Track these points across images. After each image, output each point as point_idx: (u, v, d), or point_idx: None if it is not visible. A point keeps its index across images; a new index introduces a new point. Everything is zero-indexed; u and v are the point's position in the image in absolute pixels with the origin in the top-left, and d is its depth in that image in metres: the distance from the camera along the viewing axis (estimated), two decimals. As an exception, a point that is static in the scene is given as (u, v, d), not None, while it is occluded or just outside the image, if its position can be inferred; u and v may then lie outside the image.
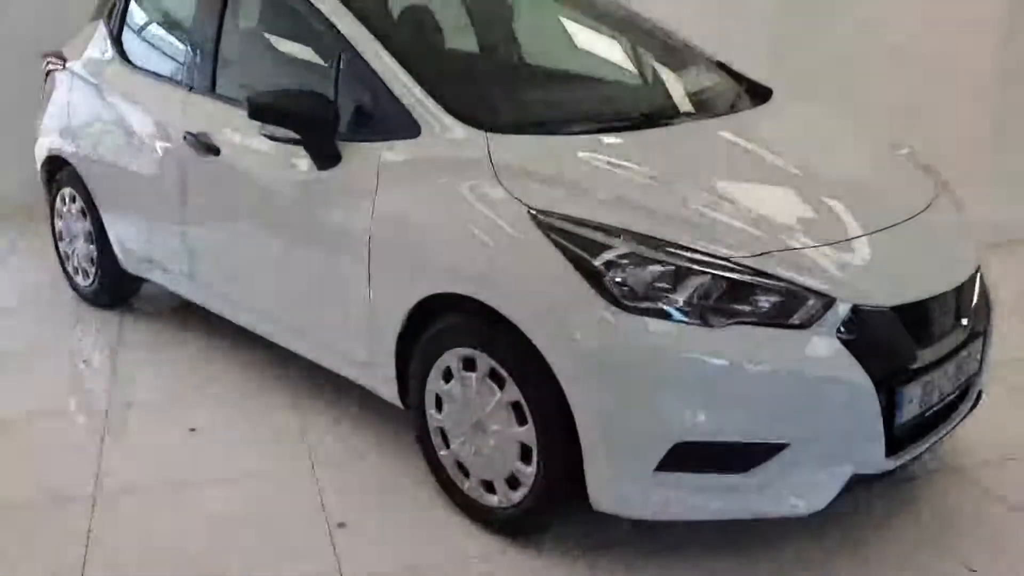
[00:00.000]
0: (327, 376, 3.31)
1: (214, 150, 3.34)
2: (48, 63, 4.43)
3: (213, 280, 3.61)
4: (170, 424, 3.36)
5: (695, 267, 2.30)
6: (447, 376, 2.71)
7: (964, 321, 2.63)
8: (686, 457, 2.32)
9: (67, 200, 4.36)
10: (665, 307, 2.28)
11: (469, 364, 2.63)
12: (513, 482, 2.61)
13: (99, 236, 4.20)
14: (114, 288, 4.35)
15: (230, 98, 3.38)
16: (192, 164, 3.47)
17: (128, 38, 4.08)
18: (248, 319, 3.50)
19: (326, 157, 2.91)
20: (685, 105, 3.11)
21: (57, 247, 4.56)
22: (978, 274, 2.76)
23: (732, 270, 2.30)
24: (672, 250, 2.32)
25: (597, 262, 2.33)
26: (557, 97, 3.20)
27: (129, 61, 4.00)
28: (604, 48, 3.46)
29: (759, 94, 3.36)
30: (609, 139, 2.75)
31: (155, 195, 3.74)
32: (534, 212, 2.44)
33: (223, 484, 3.00)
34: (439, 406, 2.76)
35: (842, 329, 2.32)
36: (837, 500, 2.39)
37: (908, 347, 2.43)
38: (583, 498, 2.48)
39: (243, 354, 3.85)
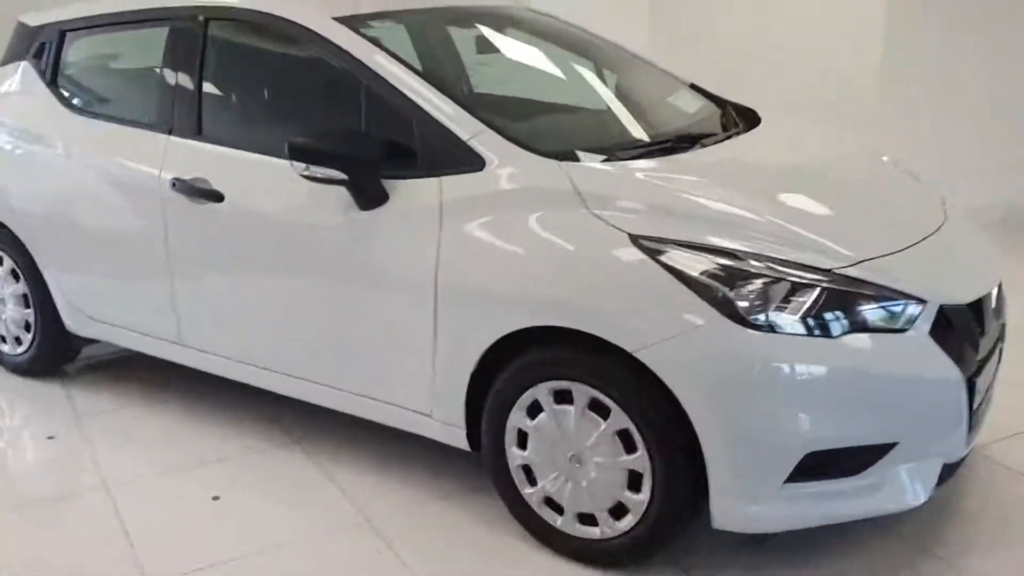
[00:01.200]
0: (340, 419, 3.16)
1: (215, 196, 3.11)
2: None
3: (215, 338, 3.33)
4: (186, 494, 3.09)
5: (804, 280, 2.37)
6: (533, 411, 2.65)
7: (1000, 316, 2.85)
8: (810, 467, 2.38)
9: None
10: (786, 322, 2.34)
11: (561, 396, 2.59)
12: (618, 512, 2.59)
13: (39, 298, 3.81)
14: (54, 353, 3.96)
15: (231, 141, 3.16)
16: (182, 213, 3.22)
17: (67, 81, 3.73)
18: (265, 377, 3.25)
19: (372, 197, 2.78)
20: (705, 127, 3.19)
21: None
22: None
23: (837, 280, 2.39)
24: (780, 266, 2.39)
25: (716, 283, 2.36)
26: (594, 125, 3.20)
27: (72, 105, 3.65)
28: (609, 78, 3.49)
29: (744, 113, 3.49)
30: (665, 163, 2.78)
31: (124, 249, 3.44)
32: (638, 238, 2.44)
33: (278, 553, 2.79)
34: (522, 443, 2.70)
35: (932, 328, 2.47)
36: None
37: (976, 340, 2.61)
38: (695, 519, 2.50)
39: (226, 404, 3.63)
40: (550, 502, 2.71)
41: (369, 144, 2.78)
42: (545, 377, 2.60)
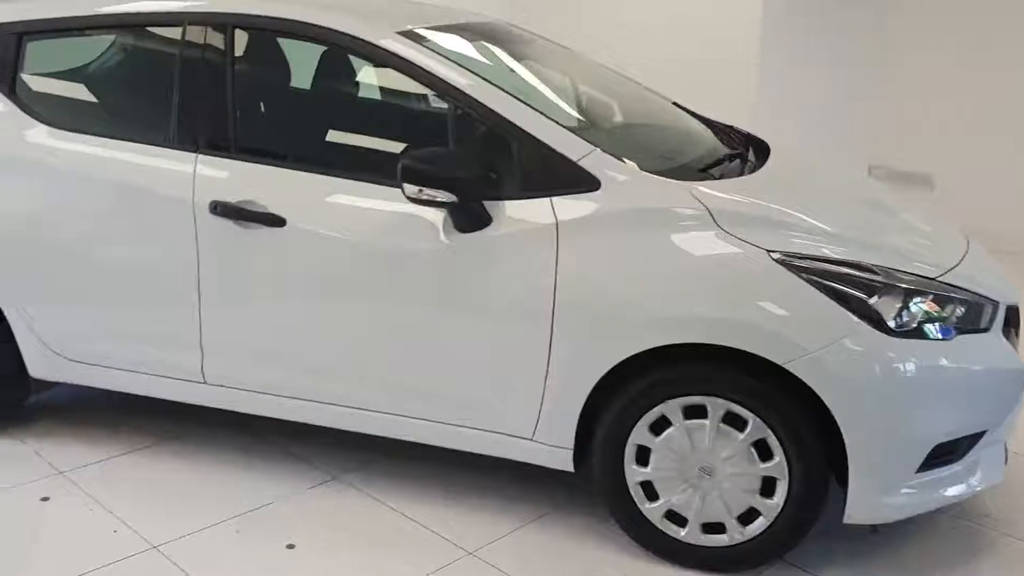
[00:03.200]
0: (375, 451, 3.05)
1: (273, 220, 2.88)
2: None
3: (258, 374, 3.05)
4: (255, 546, 2.83)
5: (922, 288, 2.61)
6: (657, 428, 2.70)
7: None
8: (932, 457, 2.62)
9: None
10: (918, 327, 2.56)
11: (691, 411, 2.66)
12: (747, 518, 2.70)
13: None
14: (10, 401, 3.45)
15: (289, 161, 2.94)
16: (224, 238, 2.94)
17: (34, 91, 3.26)
18: (329, 413, 3.02)
19: (476, 219, 2.71)
20: (731, 147, 3.35)
21: None
22: None
23: (943, 288, 2.65)
24: (903, 276, 2.61)
25: (857, 293, 2.53)
26: (659, 143, 3.26)
27: (46, 119, 3.19)
28: (650, 102, 3.56)
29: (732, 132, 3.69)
30: (754, 181, 2.92)
31: (130, 279, 3.09)
32: (776, 254, 2.56)
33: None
34: (642, 460, 2.74)
35: (1002, 326, 2.79)
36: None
37: (1016, 335, 2.98)
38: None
39: (226, 446, 3.36)
40: (671, 515, 2.76)
41: (478, 165, 2.70)
42: (676, 393, 2.66)
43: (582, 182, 2.70)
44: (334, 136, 3.10)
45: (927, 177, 5.80)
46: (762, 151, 3.31)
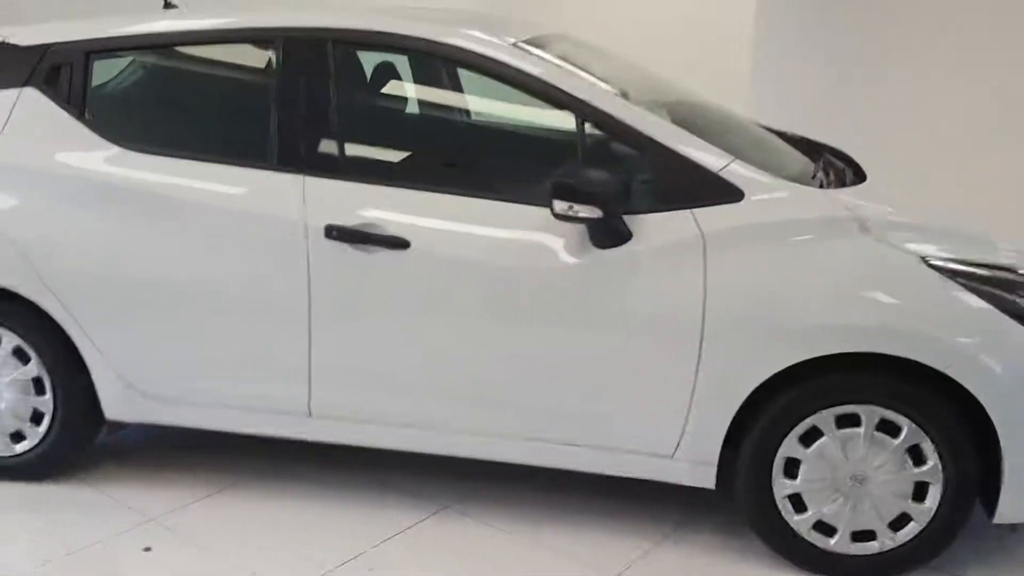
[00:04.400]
0: (489, 471, 2.95)
1: (396, 243, 2.75)
2: None
3: (376, 405, 2.91)
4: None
5: None
6: (807, 439, 2.69)
7: None
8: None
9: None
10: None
11: (842, 420, 2.66)
12: (898, 523, 2.70)
13: (64, 379, 3.08)
14: (69, 447, 3.20)
15: (405, 181, 2.82)
16: (340, 263, 2.80)
17: (106, 111, 3.05)
18: (450, 441, 2.90)
19: (619, 235, 2.65)
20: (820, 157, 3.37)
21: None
22: None
23: None
24: None
25: (1007, 295, 2.57)
26: (766, 155, 3.23)
27: (118, 142, 2.99)
28: (717, 111, 3.54)
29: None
30: (873, 190, 2.93)
31: (232, 310, 2.92)
32: (928, 260, 2.58)
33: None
34: (790, 473, 2.72)
35: None
36: None
37: None
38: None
39: (307, 479, 3.22)
40: (819, 526, 2.75)
41: (621, 180, 2.65)
42: (829, 403, 2.65)
43: (723, 193, 2.67)
44: (453, 154, 3.00)
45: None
46: (841, 159, 3.34)
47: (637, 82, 3.18)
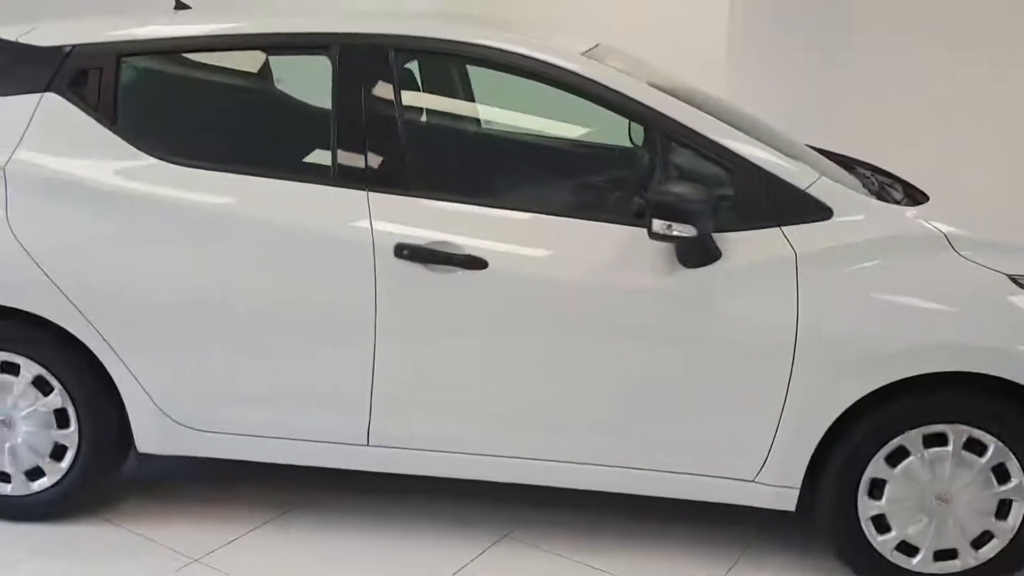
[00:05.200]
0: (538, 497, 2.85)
1: (472, 263, 2.61)
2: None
3: (445, 431, 2.76)
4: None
5: None
6: (893, 459, 2.66)
7: None
8: None
9: (-8, 370, 2.83)
10: None
11: (931, 440, 2.64)
12: (980, 541, 2.70)
13: (89, 411, 2.84)
14: (93, 481, 2.95)
15: (478, 198, 2.69)
16: (410, 284, 2.64)
17: (140, 120, 2.81)
18: (520, 468, 2.77)
19: (710, 254, 2.57)
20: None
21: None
22: None
23: None
24: None
25: None
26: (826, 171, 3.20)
27: (154, 153, 2.76)
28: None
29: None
30: (944, 208, 2.91)
31: (285, 335, 2.72)
32: (1016, 279, 2.58)
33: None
34: (874, 493, 2.69)
35: None
36: None
37: None
38: None
39: (354, 509, 3.06)
40: (902, 546, 2.73)
41: (713, 198, 2.57)
42: (917, 423, 2.63)
43: (812, 211, 2.63)
44: (526, 170, 2.87)
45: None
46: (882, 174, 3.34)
47: (697, 97, 3.11)
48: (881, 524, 2.72)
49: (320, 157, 2.74)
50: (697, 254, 2.57)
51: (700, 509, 2.85)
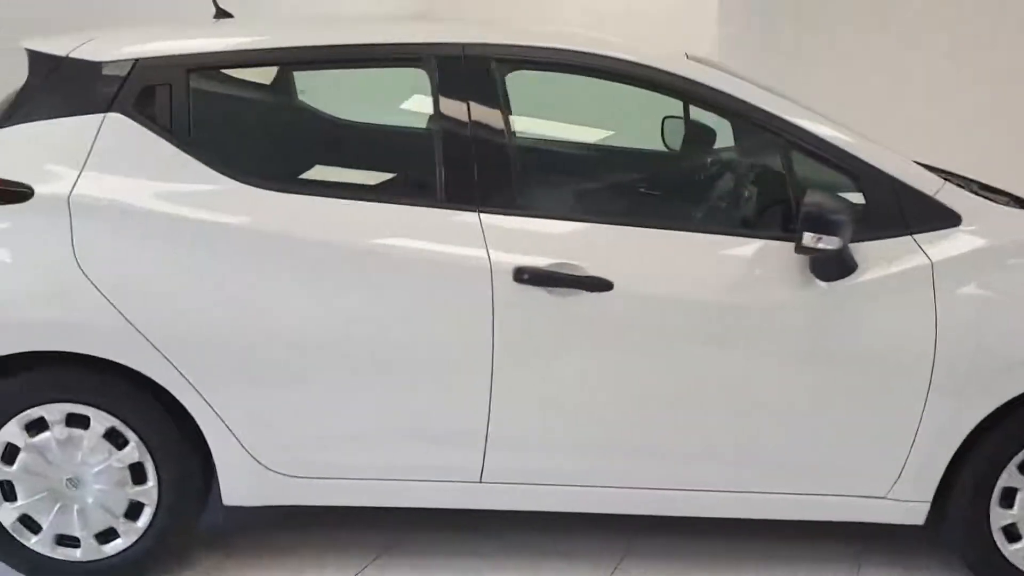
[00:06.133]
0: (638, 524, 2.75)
1: (597, 285, 2.46)
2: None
3: (568, 464, 2.59)
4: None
5: None
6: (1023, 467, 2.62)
7: None
8: None
9: (54, 424, 2.53)
10: None
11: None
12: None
13: (170, 464, 2.57)
14: (172, 539, 2.68)
15: (599, 215, 2.55)
16: (532, 310, 2.47)
17: (215, 140, 2.56)
18: (645, 498, 2.63)
19: (848, 267, 2.47)
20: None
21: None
22: None
23: None
24: None
25: None
26: None
27: (234, 175, 2.51)
28: None
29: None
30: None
31: (393, 369, 2.52)
32: None
33: None
34: (1005, 502, 2.64)
35: None
36: None
37: None
38: None
39: (452, 545, 2.90)
40: (1029, 552, 2.70)
41: (856, 208, 2.48)
42: (1050, 429, 2.59)
43: (941, 217, 2.56)
44: (645, 183, 2.71)
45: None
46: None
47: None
48: (1011, 533, 2.68)
49: (423, 177, 2.53)
50: (837, 267, 2.47)
51: (809, 527, 2.75)
